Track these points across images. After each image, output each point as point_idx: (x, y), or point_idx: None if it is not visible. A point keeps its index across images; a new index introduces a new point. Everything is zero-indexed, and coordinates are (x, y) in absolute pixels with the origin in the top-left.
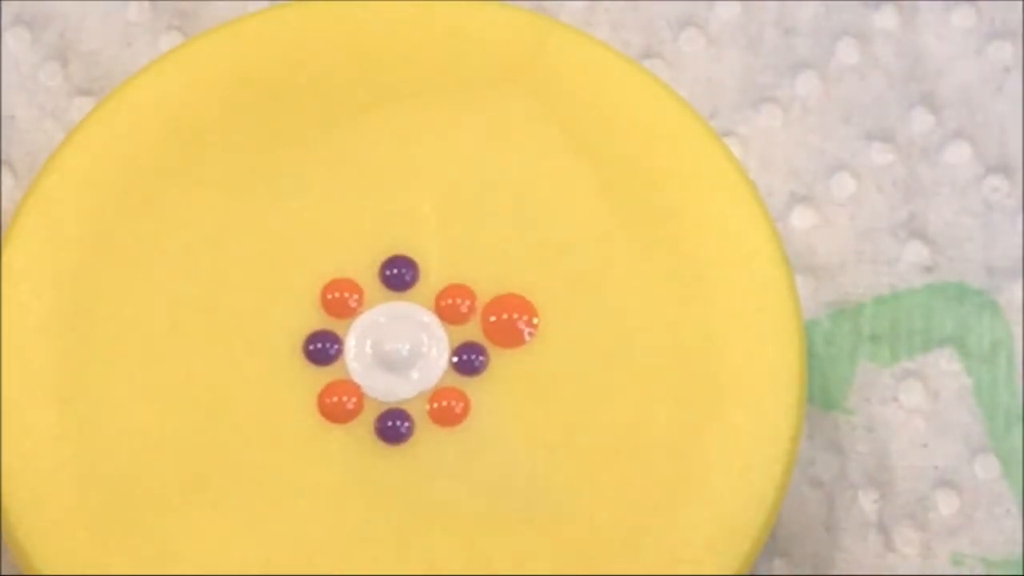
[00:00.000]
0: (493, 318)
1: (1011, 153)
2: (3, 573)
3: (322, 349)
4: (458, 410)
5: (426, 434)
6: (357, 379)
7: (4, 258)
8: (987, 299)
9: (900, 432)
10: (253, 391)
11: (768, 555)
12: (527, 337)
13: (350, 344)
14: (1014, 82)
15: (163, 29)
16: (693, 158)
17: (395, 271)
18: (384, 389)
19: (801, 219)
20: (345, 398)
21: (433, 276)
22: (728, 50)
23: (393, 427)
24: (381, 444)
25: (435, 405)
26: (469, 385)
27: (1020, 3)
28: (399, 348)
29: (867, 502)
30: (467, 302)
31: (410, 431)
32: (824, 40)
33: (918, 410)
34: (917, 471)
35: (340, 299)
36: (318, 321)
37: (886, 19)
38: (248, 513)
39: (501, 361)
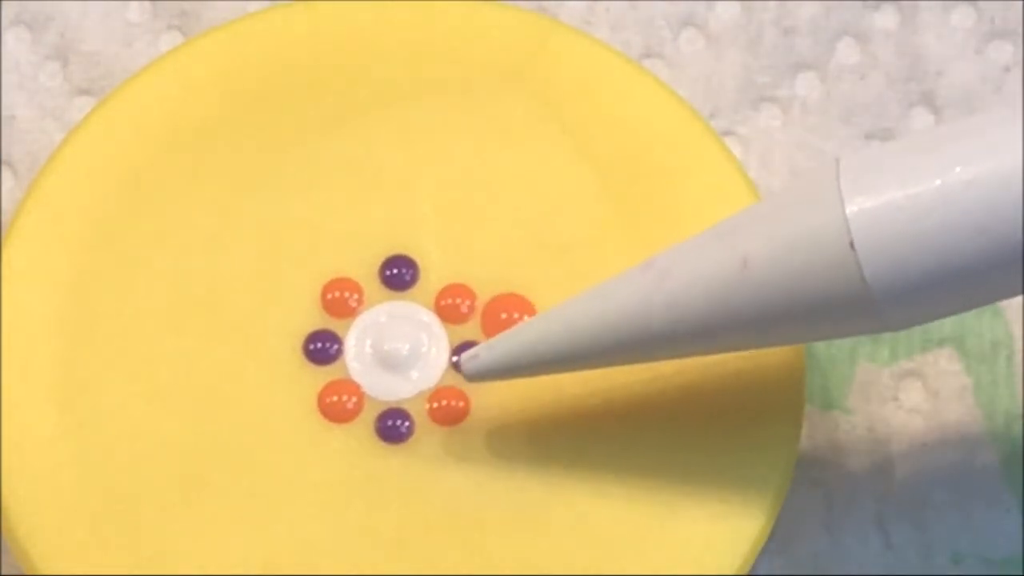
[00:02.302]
0: (493, 317)
1: None
2: (3, 573)
3: (322, 349)
4: (458, 409)
5: (426, 433)
6: (357, 379)
7: (4, 258)
8: None
9: (900, 432)
10: (253, 391)
11: (768, 555)
12: None
13: (350, 344)
14: (1014, 82)
15: (163, 29)
16: (693, 158)
17: (395, 271)
18: (384, 388)
19: None
20: (345, 398)
21: (433, 275)
22: (728, 50)
23: (393, 426)
24: (381, 444)
25: (435, 404)
26: (469, 385)
27: (1020, 3)
28: (399, 347)
29: (867, 501)
30: (467, 302)
31: (410, 430)
32: (824, 40)
33: (918, 410)
34: (917, 471)
35: (340, 299)
36: (318, 321)
37: (886, 19)
38: (248, 513)
39: None
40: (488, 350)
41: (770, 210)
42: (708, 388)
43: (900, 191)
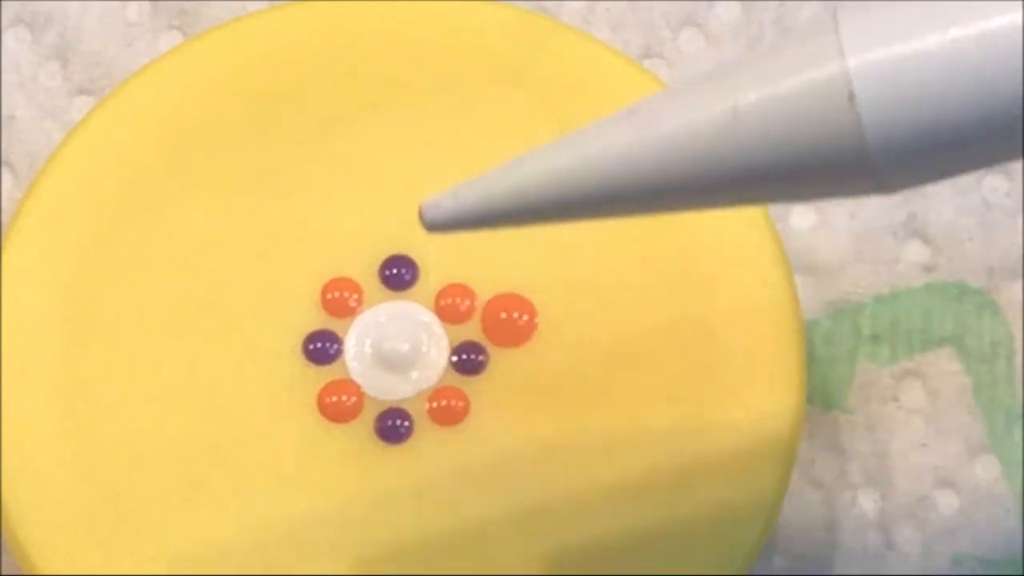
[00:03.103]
0: (493, 317)
1: None
2: (4, 574)
3: (322, 348)
4: (458, 409)
5: (426, 433)
6: (357, 378)
7: (4, 258)
8: (987, 299)
9: (900, 432)
10: (253, 390)
11: (768, 555)
12: (527, 336)
13: (350, 343)
14: None
15: (163, 29)
16: None
17: (395, 270)
18: (384, 388)
19: (801, 219)
20: (345, 397)
21: (433, 275)
22: (728, 50)
23: (393, 426)
24: (381, 443)
25: (435, 404)
26: (469, 384)
27: (1021, 2)
28: (399, 347)
29: (867, 502)
30: (467, 301)
31: (410, 430)
32: None
33: (918, 410)
34: (917, 471)
35: (340, 298)
36: (318, 320)
37: None
38: (248, 512)
39: (501, 360)
40: (453, 198)
41: (763, 58)
42: (708, 388)
43: (905, 43)
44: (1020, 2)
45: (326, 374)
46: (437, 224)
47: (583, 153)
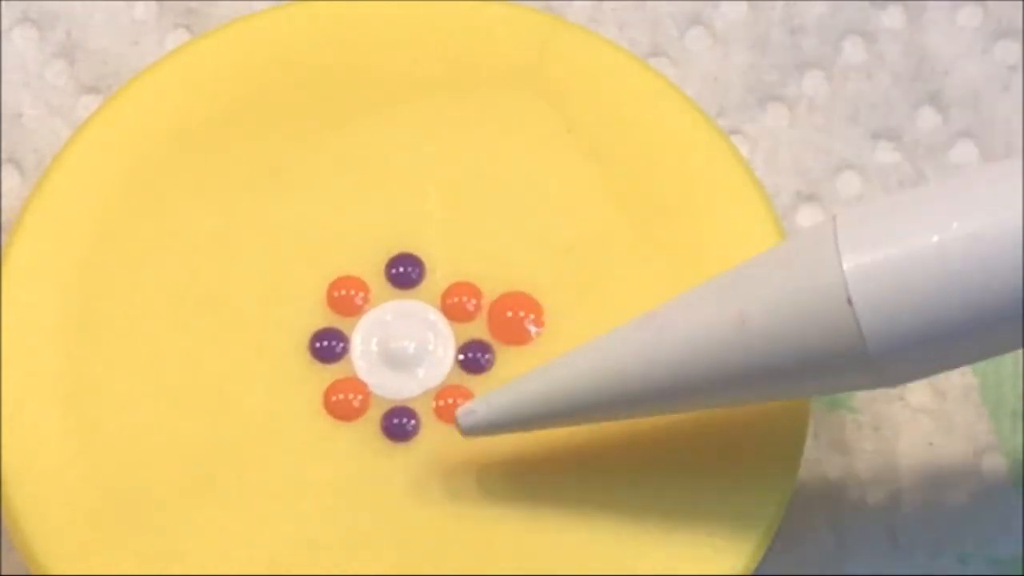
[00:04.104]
0: (499, 316)
1: (1017, 152)
2: (8, 574)
3: (328, 347)
4: None
5: (432, 432)
6: (363, 377)
7: (10, 255)
8: None
9: (906, 431)
10: (259, 389)
11: (774, 554)
12: (533, 335)
13: (356, 342)
14: (1020, 81)
15: (170, 27)
16: (699, 157)
17: (401, 269)
18: (390, 387)
19: (807, 218)
20: (351, 396)
21: (439, 274)
22: (734, 49)
23: (399, 425)
24: (387, 442)
25: (441, 403)
26: (475, 383)
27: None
28: (405, 346)
29: (873, 501)
30: (473, 300)
31: (416, 429)
32: (830, 39)
33: (924, 409)
34: (923, 470)
35: (346, 297)
36: (324, 319)
37: (892, 18)
38: (254, 512)
39: (507, 359)
40: (485, 405)
41: (768, 265)
42: None
43: (897, 247)
44: (1007, 204)
45: (332, 372)
46: (471, 429)
47: (601, 366)
